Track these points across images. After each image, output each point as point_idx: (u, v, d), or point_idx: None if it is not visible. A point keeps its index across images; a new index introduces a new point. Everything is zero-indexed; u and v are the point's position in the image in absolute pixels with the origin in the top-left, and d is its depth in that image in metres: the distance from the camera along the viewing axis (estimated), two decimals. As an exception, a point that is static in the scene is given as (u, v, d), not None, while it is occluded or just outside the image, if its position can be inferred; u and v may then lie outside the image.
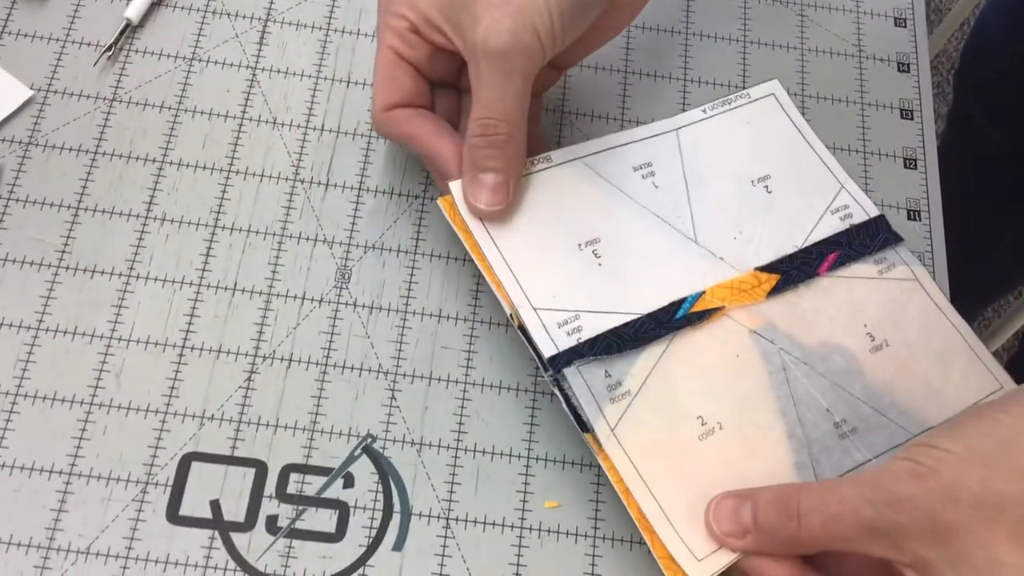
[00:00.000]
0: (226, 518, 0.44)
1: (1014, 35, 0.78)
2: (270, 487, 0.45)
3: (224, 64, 0.54)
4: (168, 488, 0.44)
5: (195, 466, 0.45)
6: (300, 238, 0.50)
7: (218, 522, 0.44)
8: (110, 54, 0.53)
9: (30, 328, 0.47)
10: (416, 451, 0.46)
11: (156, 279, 0.48)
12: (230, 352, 0.47)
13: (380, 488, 0.45)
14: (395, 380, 0.47)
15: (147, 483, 0.44)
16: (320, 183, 0.51)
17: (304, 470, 0.45)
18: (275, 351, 0.47)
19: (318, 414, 0.46)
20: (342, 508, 0.45)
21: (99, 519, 0.43)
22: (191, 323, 0.48)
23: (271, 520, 0.44)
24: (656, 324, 0.45)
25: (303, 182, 0.51)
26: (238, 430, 0.46)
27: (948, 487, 0.35)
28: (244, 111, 0.53)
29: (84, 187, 0.50)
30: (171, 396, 0.46)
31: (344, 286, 0.49)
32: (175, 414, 0.46)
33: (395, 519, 0.45)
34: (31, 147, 0.51)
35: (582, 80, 0.56)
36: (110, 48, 0.53)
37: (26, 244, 0.48)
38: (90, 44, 0.53)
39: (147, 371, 0.46)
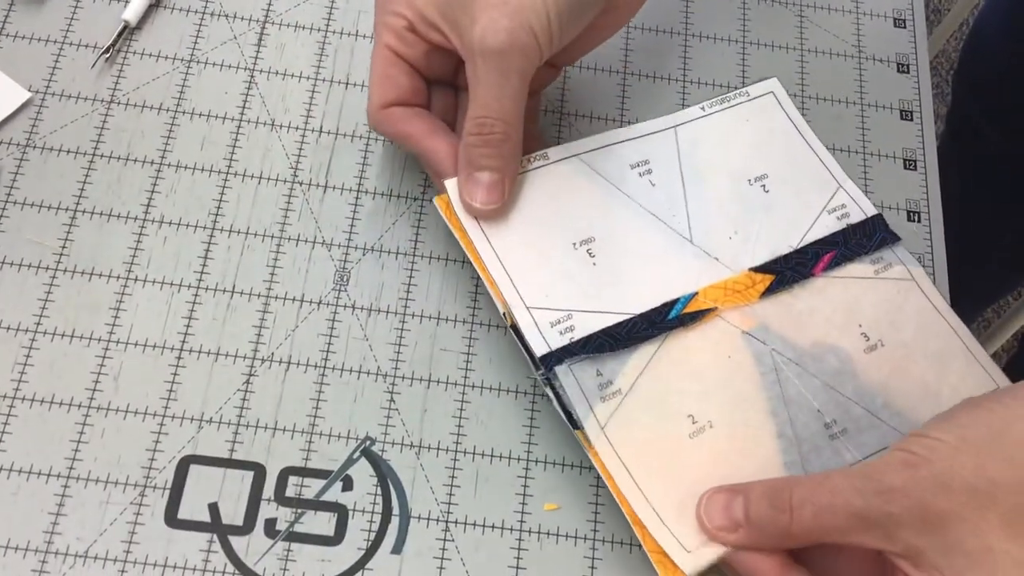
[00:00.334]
0: (224, 521, 0.44)
1: (1013, 36, 0.78)
2: (269, 490, 0.45)
3: (222, 66, 0.54)
4: (166, 491, 0.44)
5: (193, 469, 0.45)
6: (299, 240, 0.50)
7: (216, 525, 0.44)
8: (108, 56, 0.53)
9: (28, 331, 0.47)
10: (415, 454, 0.46)
11: (154, 281, 0.48)
12: (228, 355, 0.47)
13: (379, 491, 0.45)
14: (394, 382, 0.47)
15: (145, 486, 0.44)
16: (319, 185, 0.51)
17: (303, 473, 0.45)
18: (273, 353, 0.47)
19: (317, 417, 0.46)
20: (341, 511, 0.44)
21: (97, 522, 0.43)
22: (189, 325, 0.47)
23: (270, 523, 0.44)
24: (649, 324, 0.45)
25: (301, 184, 0.51)
26: (236, 433, 0.45)
27: (940, 475, 0.36)
28: (242, 113, 0.53)
29: (82, 189, 0.50)
30: (169, 399, 0.46)
31: (343, 288, 0.49)
32: (173, 417, 0.46)
33: (394, 522, 0.44)
34: (29, 149, 0.50)
35: (581, 81, 0.55)
36: (108, 50, 0.53)
37: (24, 246, 0.48)
38: (88, 46, 0.53)
39: (145, 374, 0.46)
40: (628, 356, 0.45)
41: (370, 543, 0.44)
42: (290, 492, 0.45)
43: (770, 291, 0.47)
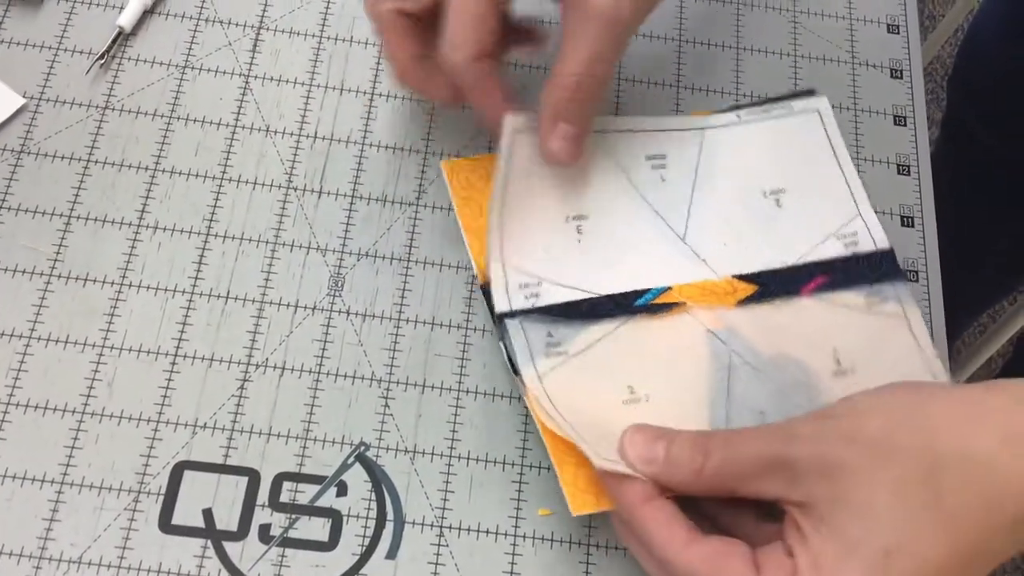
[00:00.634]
0: (219, 527, 0.44)
1: (1009, 41, 0.78)
2: (263, 496, 0.44)
3: (217, 72, 0.54)
4: (160, 497, 0.44)
5: (187, 475, 0.45)
6: (293, 246, 0.50)
7: (211, 531, 0.44)
8: (102, 62, 0.53)
9: (22, 337, 0.47)
10: (410, 459, 0.46)
11: (148, 287, 0.48)
12: (223, 360, 0.47)
13: (373, 496, 0.45)
14: (388, 388, 0.47)
15: (139, 492, 0.44)
16: (313, 191, 0.51)
17: (297, 478, 0.45)
18: (268, 359, 0.47)
19: (311, 422, 0.46)
20: (335, 517, 0.44)
21: (91, 528, 0.43)
22: (183, 331, 0.47)
23: (264, 529, 0.44)
24: (614, 305, 0.45)
25: (296, 190, 0.51)
26: (231, 438, 0.45)
27: (847, 429, 0.36)
28: (237, 119, 0.53)
29: (76, 195, 0.50)
30: (163, 405, 0.46)
31: (337, 294, 0.49)
32: (167, 423, 0.46)
33: (388, 527, 0.44)
34: (23, 155, 0.50)
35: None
36: (102, 56, 0.53)
37: (18, 252, 0.48)
38: (82, 52, 0.53)
39: (139, 380, 0.46)
40: (584, 327, 0.45)
41: (364, 549, 0.44)
42: (284, 498, 0.45)
43: (750, 300, 0.47)
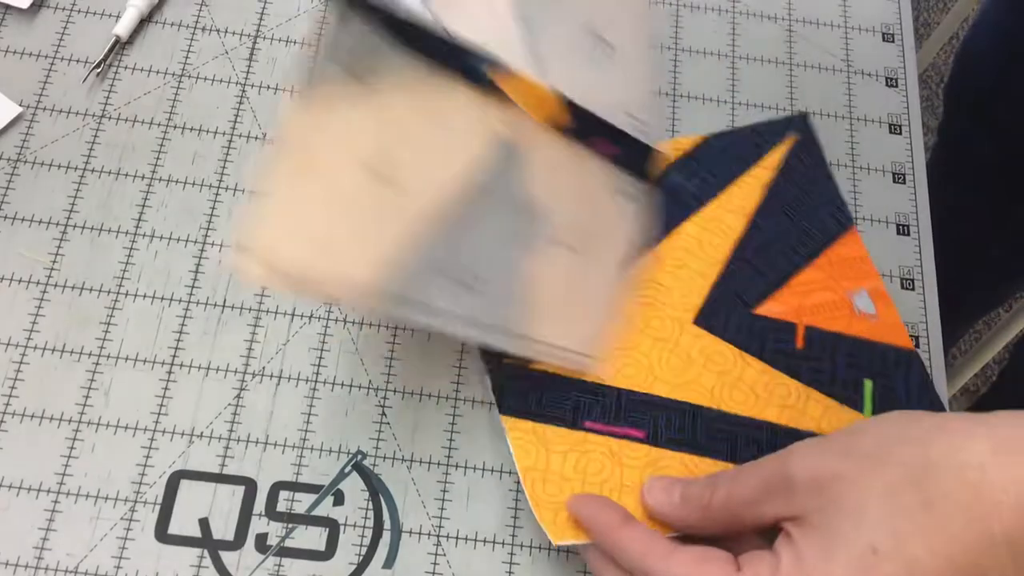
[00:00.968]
0: (215, 536, 0.44)
1: (1006, 48, 0.78)
2: (260, 505, 0.44)
3: (213, 80, 0.54)
4: (157, 506, 0.44)
5: (184, 484, 0.45)
6: (290, 254, 0.50)
7: (207, 540, 0.44)
8: (99, 71, 0.53)
9: (18, 346, 0.46)
10: (407, 468, 0.46)
11: (145, 296, 0.48)
12: (219, 369, 0.47)
13: (370, 505, 0.45)
14: (385, 397, 0.47)
15: (136, 501, 0.44)
16: (310, 199, 0.51)
17: (294, 487, 0.45)
18: (264, 368, 0.47)
19: (308, 431, 0.46)
20: (332, 526, 0.44)
21: (87, 538, 0.43)
22: (180, 340, 0.47)
23: (260, 538, 0.44)
24: (447, 51, 0.42)
25: (293, 198, 0.51)
26: (227, 447, 0.45)
27: (843, 445, 0.36)
28: (234, 127, 0.53)
29: (73, 204, 0.50)
30: (160, 414, 0.46)
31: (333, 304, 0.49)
32: (164, 432, 0.45)
33: (385, 536, 0.44)
34: (20, 164, 0.50)
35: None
36: (99, 65, 0.53)
37: (14, 261, 0.48)
38: (79, 61, 0.53)
39: (136, 389, 0.46)
40: (403, 57, 0.41)
41: (361, 558, 0.44)
42: (281, 507, 0.44)
43: (561, 130, 0.45)
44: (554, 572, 0.44)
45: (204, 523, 0.44)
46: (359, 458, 0.46)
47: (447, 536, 0.45)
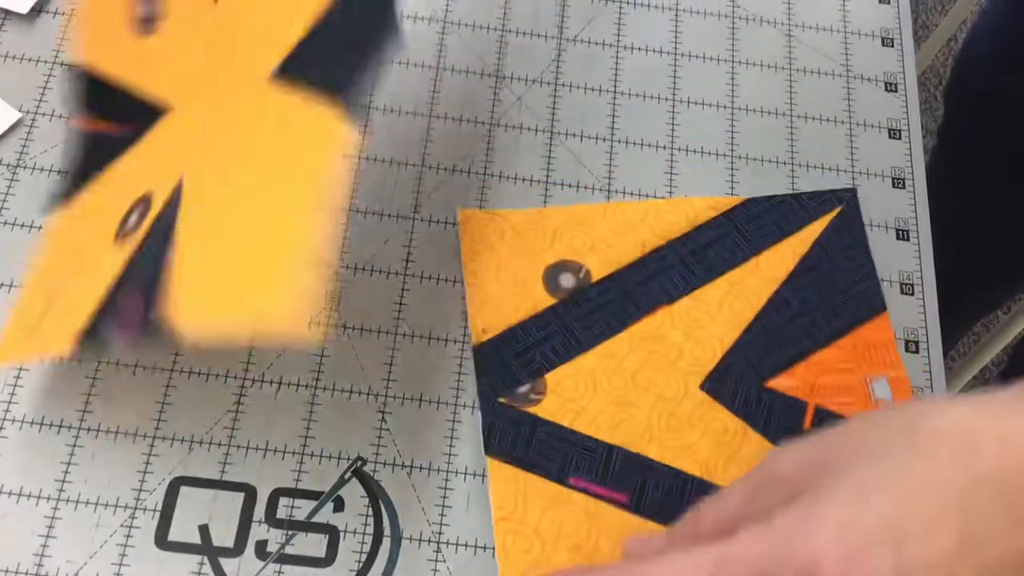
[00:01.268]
0: (215, 543, 0.44)
1: (1005, 51, 0.79)
2: (259, 511, 0.44)
3: (213, 86, 0.54)
4: (157, 513, 0.44)
5: (184, 491, 0.45)
6: (290, 260, 0.50)
7: (207, 547, 0.44)
8: (99, 76, 0.53)
9: (18, 352, 0.46)
10: (407, 474, 0.46)
11: (145, 302, 0.48)
12: (219, 375, 0.47)
13: (370, 512, 0.45)
14: (385, 403, 0.47)
15: (135, 508, 0.44)
16: (310, 205, 0.51)
17: (294, 494, 0.45)
18: (264, 374, 0.47)
19: (308, 437, 0.46)
20: (332, 532, 0.44)
21: (87, 545, 0.43)
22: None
23: (260, 545, 0.44)
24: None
25: (292, 204, 0.51)
26: (227, 454, 0.45)
27: (825, 435, 0.36)
28: (233, 133, 0.53)
29: (72, 210, 0.50)
30: (159, 420, 0.46)
31: (334, 308, 0.49)
32: (164, 438, 0.45)
33: (385, 543, 0.44)
34: (19, 169, 0.50)
35: (573, 100, 0.56)
36: (99, 70, 0.53)
37: (16, 268, 0.48)
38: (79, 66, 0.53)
39: (135, 395, 0.46)
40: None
41: (362, 564, 0.44)
42: (281, 513, 0.44)
43: None
44: (554, 578, 0.44)
45: (204, 530, 0.44)
46: (359, 464, 0.46)
47: (447, 543, 0.45)
